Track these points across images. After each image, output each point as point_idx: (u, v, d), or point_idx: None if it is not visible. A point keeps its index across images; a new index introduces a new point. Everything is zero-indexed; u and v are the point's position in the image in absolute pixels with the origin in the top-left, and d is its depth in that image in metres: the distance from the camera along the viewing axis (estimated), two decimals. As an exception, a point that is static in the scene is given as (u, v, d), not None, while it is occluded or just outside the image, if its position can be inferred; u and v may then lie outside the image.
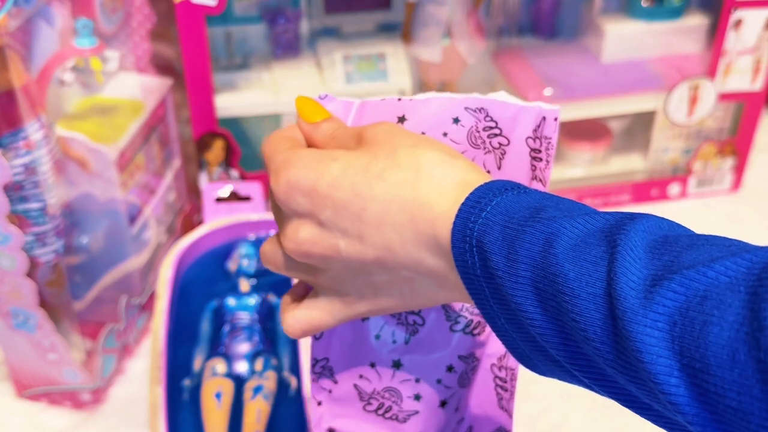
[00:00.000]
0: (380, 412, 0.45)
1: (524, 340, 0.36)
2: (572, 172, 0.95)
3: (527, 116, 0.41)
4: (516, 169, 0.42)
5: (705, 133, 0.95)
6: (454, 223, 0.36)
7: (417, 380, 0.44)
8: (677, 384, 0.29)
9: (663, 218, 0.34)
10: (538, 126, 0.41)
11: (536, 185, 0.42)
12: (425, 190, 0.37)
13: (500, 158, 0.42)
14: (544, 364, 0.36)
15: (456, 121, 0.40)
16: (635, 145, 0.97)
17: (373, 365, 0.44)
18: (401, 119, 0.41)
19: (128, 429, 0.68)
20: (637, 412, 0.33)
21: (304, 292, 0.43)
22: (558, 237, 0.33)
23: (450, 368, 0.44)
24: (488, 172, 0.41)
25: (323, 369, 0.45)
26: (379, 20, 0.91)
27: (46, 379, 0.69)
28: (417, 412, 0.44)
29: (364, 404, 0.45)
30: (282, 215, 0.40)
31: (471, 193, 0.36)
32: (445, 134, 0.41)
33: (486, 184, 0.37)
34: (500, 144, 0.41)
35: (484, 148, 0.41)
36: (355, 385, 0.45)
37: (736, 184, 0.99)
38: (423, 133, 0.40)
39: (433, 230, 0.37)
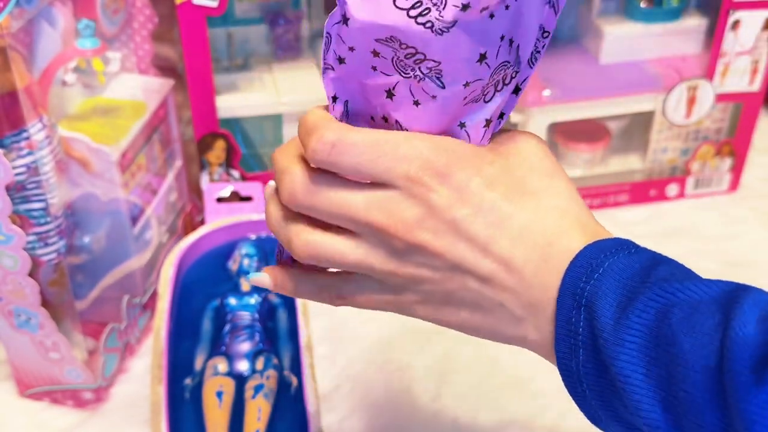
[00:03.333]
0: (413, 13, 0.36)
1: (604, 406, 0.36)
2: (571, 172, 0.96)
3: None
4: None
5: (703, 134, 0.95)
6: (563, 279, 0.35)
7: None
8: None
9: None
10: None
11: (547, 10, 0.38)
12: (570, 221, 0.36)
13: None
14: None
15: None
16: (633, 145, 0.98)
17: None
18: None
19: (130, 427, 0.68)
20: None
21: None
22: (672, 307, 0.33)
23: None
24: None
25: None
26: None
27: (48, 378, 0.69)
28: (456, 22, 0.36)
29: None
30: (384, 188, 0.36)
31: (582, 251, 0.36)
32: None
33: (598, 242, 0.36)
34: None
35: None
36: None
37: (734, 184, 0.99)
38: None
39: (563, 264, 0.36)
